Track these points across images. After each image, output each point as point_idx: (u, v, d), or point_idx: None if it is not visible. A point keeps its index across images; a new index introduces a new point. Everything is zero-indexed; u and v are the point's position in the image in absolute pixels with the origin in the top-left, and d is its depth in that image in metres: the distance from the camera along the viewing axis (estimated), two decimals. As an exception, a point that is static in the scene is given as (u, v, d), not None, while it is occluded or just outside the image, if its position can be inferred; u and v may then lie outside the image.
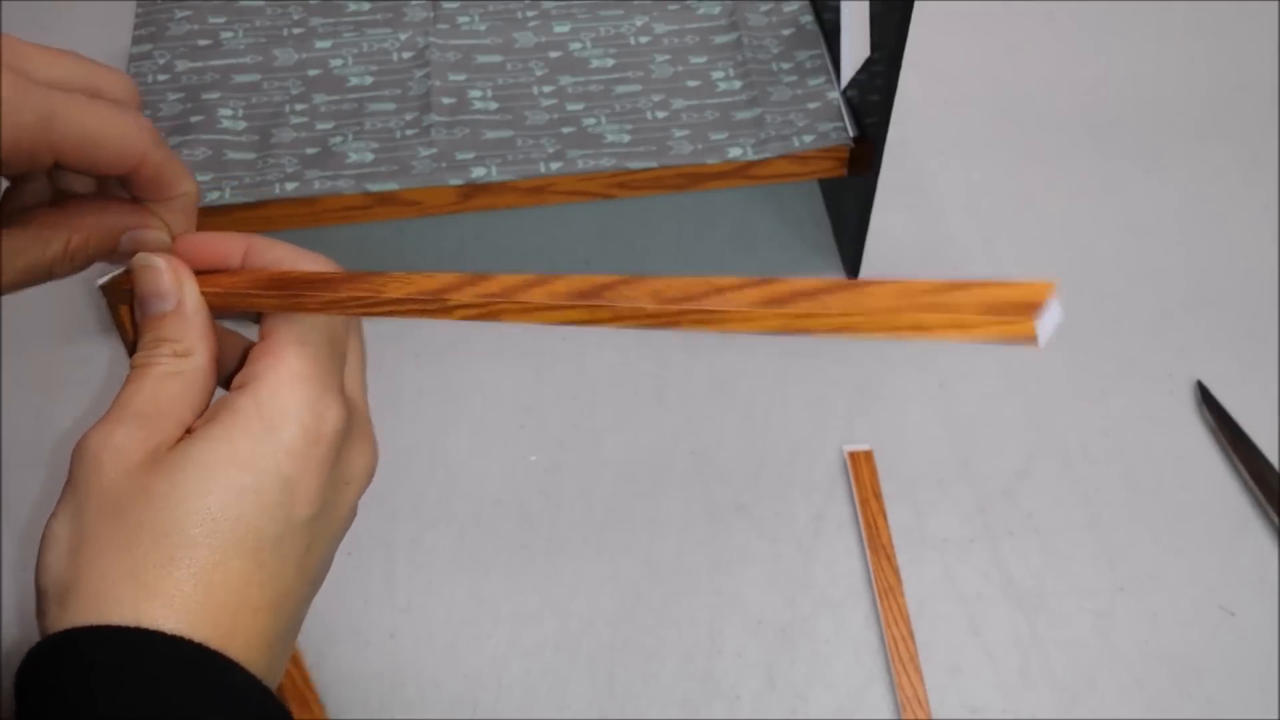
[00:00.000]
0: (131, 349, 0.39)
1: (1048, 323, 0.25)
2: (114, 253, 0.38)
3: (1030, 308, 0.25)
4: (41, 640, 0.31)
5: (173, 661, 0.31)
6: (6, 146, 0.32)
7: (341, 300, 0.35)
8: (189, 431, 0.35)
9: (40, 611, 0.33)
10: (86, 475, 0.33)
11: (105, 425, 0.34)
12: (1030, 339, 0.25)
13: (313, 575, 0.36)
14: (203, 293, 0.37)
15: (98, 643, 0.31)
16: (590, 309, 0.31)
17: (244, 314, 0.39)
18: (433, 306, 0.34)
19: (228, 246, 0.38)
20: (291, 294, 0.36)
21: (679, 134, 0.64)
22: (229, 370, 0.38)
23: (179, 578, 0.32)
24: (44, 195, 0.38)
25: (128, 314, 0.39)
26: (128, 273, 0.38)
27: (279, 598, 0.34)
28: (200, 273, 0.37)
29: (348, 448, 0.36)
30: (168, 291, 0.36)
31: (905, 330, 0.27)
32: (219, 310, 0.38)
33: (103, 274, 0.39)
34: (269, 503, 0.33)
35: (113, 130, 0.35)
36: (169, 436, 0.34)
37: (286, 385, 0.35)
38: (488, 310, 0.33)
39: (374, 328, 0.41)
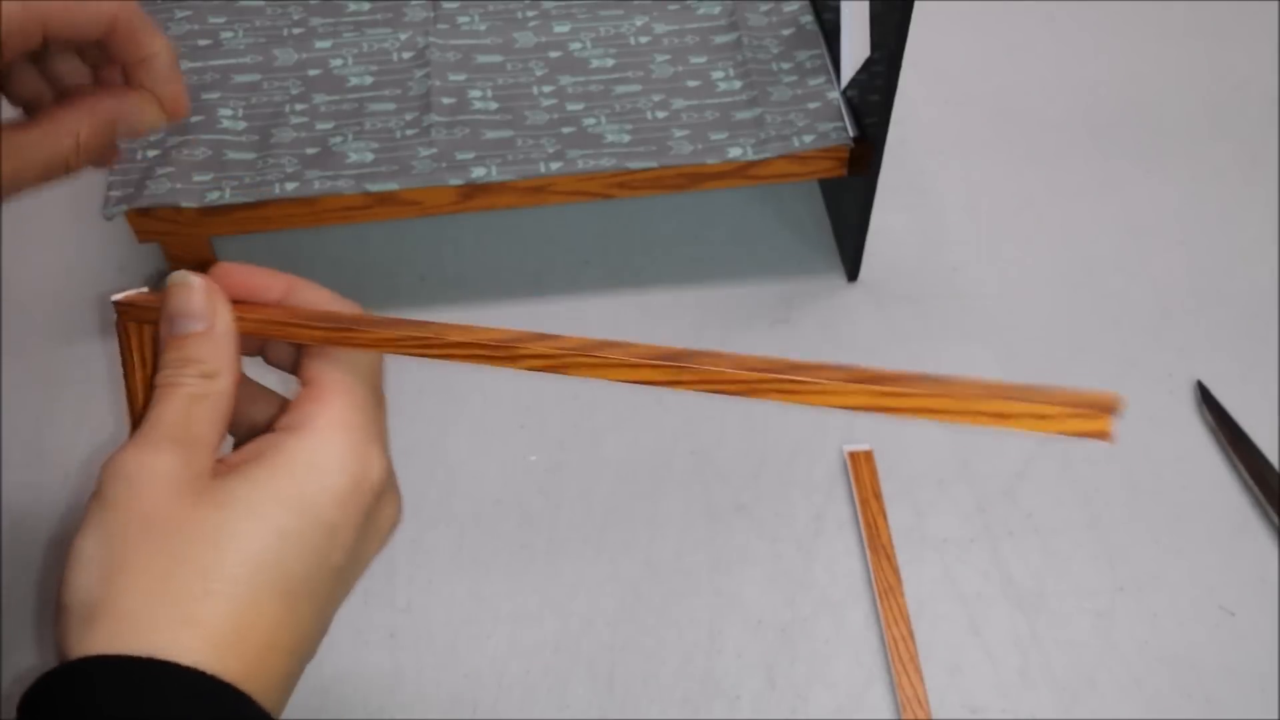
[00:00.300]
0: (128, 366, 0.39)
1: (1117, 427, 0.28)
2: (114, 138, 0.40)
3: (1106, 408, 0.28)
4: (59, 665, 0.31)
5: (196, 696, 0.31)
6: (5, 25, 0.35)
7: (398, 339, 0.35)
8: (223, 463, 0.35)
9: (62, 628, 0.32)
10: (122, 498, 0.33)
11: (139, 446, 0.34)
12: (1105, 436, 0.28)
13: (328, 621, 0.36)
14: (237, 318, 0.37)
15: (118, 671, 0.31)
16: (673, 369, 0.31)
17: (260, 350, 0.39)
18: (499, 355, 0.34)
19: (266, 281, 0.38)
20: (342, 328, 0.36)
21: (679, 134, 0.64)
22: (249, 421, 0.38)
23: (218, 612, 0.32)
24: (47, 97, 0.41)
25: (136, 331, 0.38)
26: (145, 291, 0.38)
27: (302, 640, 0.34)
28: (234, 302, 0.37)
29: (382, 500, 0.37)
30: (199, 312, 0.36)
31: (987, 417, 0.29)
32: (253, 338, 0.38)
33: (120, 290, 0.39)
34: (310, 547, 0.34)
35: None
36: (205, 465, 0.34)
37: (334, 431, 0.35)
38: (559, 363, 0.33)
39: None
